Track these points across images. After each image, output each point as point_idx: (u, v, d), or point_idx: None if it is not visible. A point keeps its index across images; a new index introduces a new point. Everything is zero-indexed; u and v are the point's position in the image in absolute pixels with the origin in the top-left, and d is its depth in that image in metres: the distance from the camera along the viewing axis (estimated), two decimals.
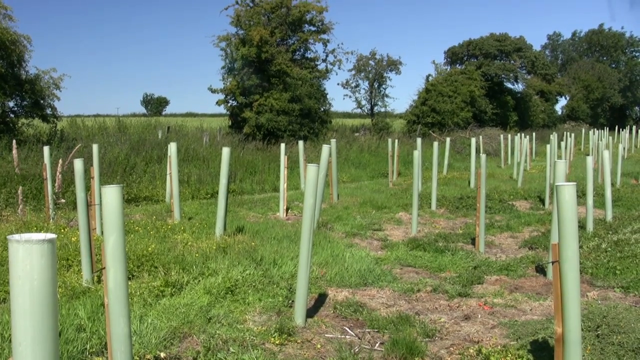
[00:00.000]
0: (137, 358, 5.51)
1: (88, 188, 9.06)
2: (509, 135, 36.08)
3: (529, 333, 6.43)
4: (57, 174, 14.39)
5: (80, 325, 6.27)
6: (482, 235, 11.22)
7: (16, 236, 2.52)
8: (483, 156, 11.90)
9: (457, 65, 67.51)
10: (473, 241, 11.66)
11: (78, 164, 8.81)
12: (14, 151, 17.61)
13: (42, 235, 2.54)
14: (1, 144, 20.03)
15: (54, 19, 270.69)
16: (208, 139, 29.38)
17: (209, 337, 6.16)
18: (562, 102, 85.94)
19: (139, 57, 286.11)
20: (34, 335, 2.54)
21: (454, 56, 69.63)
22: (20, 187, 14.06)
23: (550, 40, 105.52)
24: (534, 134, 40.13)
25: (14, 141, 18.49)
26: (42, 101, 25.07)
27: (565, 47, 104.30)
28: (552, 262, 4.80)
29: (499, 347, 6.07)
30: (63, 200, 14.31)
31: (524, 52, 67.92)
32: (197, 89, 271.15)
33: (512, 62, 64.89)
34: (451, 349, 6.21)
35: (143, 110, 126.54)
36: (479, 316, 7.28)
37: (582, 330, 5.29)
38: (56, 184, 14.26)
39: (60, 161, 14.69)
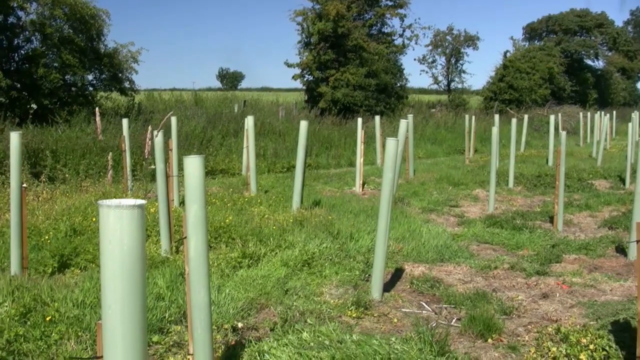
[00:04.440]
0: (215, 327, 5.57)
1: (166, 160, 9.17)
2: (588, 114, 35.28)
3: (609, 313, 6.31)
4: (147, 140, 14.67)
5: (160, 294, 6.39)
6: (560, 214, 11.02)
7: (107, 201, 2.55)
8: (563, 133, 11.70)
9: (536, 41, 66.35)
10: (551, 219, 11.45)
11: (158, 136, 8.93)
12: (97, 119, 18.00)
13: (132, 201, 2.57)
14: (80, 116, 20.39)
15: None
16: (284, 113, 29.51)
17: (286, 308, 6.21)
18: None
19: (215, 32, 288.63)
20: (124, 298, 2.58)
21: (532, 32, 68.39)
22: (110, 154, 14.36)
23: (633, 16, 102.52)
24: (614, 112, 39.13)
25: (97, 109, 18.89)
26: (120, 74, 25.59)
27: None
28: (637, 241, 4.68)
29: (578, 326, 5.96)
30: (153, 167, 14.61)
31: (605, 28, 66.30)
32: (273, 64, 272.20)
33: (593, 38, 63.40)
34: (529, 327, 6.13)
35: (218, 84, 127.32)
36: (557, 295, 7.17)
37: None
38: (146, 151, 14.54)
39: (150, 128, 14.93)
